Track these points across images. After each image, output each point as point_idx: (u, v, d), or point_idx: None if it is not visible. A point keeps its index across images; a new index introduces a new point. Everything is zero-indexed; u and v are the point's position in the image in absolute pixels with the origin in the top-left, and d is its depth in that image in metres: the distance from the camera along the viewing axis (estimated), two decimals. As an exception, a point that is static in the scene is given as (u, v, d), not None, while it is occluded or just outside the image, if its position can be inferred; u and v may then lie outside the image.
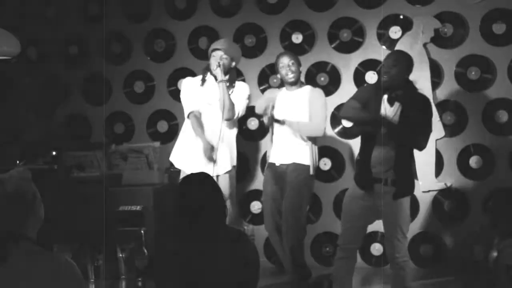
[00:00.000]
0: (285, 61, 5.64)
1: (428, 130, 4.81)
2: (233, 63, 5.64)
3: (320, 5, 6.65)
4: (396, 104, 4.74)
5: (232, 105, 5.47)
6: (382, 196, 4.76)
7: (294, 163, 5.57)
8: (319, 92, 5.69)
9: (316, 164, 5.63)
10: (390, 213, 4.77)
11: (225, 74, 5.54)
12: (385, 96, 4.79)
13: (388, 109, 4.77)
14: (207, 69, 5.65)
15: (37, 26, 7.20)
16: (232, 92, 5.56)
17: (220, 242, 3.13)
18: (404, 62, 4.78)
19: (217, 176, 5.54)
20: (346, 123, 6.44)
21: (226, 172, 5.62)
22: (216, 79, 5.54)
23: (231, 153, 5.67)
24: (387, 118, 4.73)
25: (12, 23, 6.99)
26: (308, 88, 5.70)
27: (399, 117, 4.72)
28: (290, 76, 5.63)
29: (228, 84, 5.53)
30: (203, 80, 5.65)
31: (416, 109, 4.72)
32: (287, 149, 5.60)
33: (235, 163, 5.72)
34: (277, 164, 5.65)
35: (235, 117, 5.57)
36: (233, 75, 5.63)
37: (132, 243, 3.91)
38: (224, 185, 5.51)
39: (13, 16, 7.22)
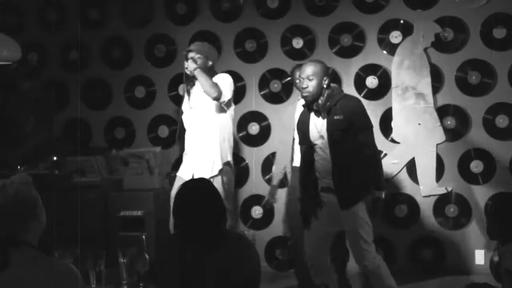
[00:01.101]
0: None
1: (362, 126, 4.75)
2: (210, 62, 5.54)
3: (320, 10, 6.65)
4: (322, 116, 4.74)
5: (214, 83, 5.37)
6: (333, 206, 4.73)
7: None
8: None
9: None
10: (346, 223, 4.74)
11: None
12: (311, 113, 4.81)
13: (318, 124, 4.77)
14: (187, 77, 5.55)
15: (37, 31, 7.21)
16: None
17: (221, 246, 3.13)
18: (319, 72, 4.75)
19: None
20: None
21: (212, 176, 5.42)
22: (194, 78, 5.48)
23: (220, 152, 5.48)
24: (319, 133, 4.73)
25: (13, 28, 7.03)
26: None
27: (326, 127, 4.70)
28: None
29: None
30: (187, 90, 5.62)
31: (343, 113, 4.67)
32: None
33: (228, 158, 5.52)
34: None
35: (223, 99, 5.40)
36: (212, 74, 5.50)
37: (133, 248, 3.90)
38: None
39: (14, 21, 7.24)
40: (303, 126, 4.89)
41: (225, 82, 5.47)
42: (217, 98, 5.36)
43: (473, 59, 6.39)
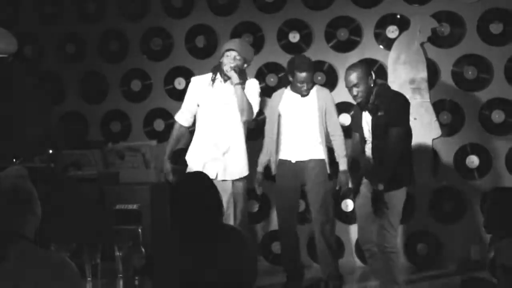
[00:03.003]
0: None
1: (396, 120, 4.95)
2: (245, 65, 5.49)
3: (317, 4, 6.65)
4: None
5: (250, 106, 5.35)
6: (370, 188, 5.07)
7: (313, 160, 5.62)
8: (326, 92, 5.81)
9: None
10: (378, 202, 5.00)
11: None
12: (364, 113, 5.10)
13: (369, 121, 5.06)
14: (217, 68, 5.47)
15: (33, 24, 7.19)
16: (244, 90, 5.41)
17: (217, 240, 3.13)
18: (363, 76, 4.98)
19: (223, 181, 5.38)
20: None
21: (240, 178, 5.46)
22: (225, 79, 5.41)
23: (246, 152, 5.52)
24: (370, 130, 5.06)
25: (8, 21, 7.01)
26: (314, 87, 5.74)
27: (371, 124, 5.00)
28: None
29: (244, 86, 5.40)
30: (213, 80, 5.48)
31: (384, 109, 4.93)
32: (302, 146, 5.63)
33: (245, 173, 5.52)
34: (293, 161, 5.66)
35: (253, 117, 5.50)
36: (245, 76, 5.46)
37: (130, 241, 3.89)
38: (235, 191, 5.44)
39: (10, 14, 7.22)
40: (356, 123, 5.27)
41: (254, 96, 5.44)
42: (246, 121, 5.42)
43: (469, 54, 6.40)
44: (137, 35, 7.05)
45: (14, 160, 6.19)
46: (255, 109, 5.44)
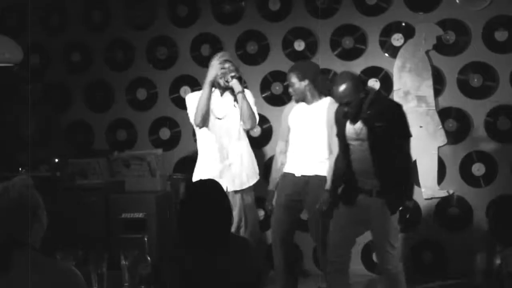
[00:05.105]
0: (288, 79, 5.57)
1: (400, 132, 4.79)
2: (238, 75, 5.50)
3: (322, 12, 6.65)
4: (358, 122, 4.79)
5: (253, 113, 5.37)
6: (369, 208, 4.79)
7: (316, 175, 5.43)
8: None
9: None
10: (378, 225, 4.80)
11: None
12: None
13: (357, 126, 4.81)
14: (212, 83, 5.41)
15: (39, 33, 7.21)
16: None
17: (225, 249, 3.13)
18: (351, 90, 4.73)
19: (234, 193, 5.39)
20: None
21: (244, 192, 5.46)
22: (222, 92, 5.42)
23: (253, 163, 5.54)
24: (358, 136, 4.80)
25: (14, 30, 7.04)
26: (327, 100, 5.49)
27: (367, 133, 4.75)
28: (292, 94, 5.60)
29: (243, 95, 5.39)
30: (208, 97, 5.41)
31: (384, 120, 4.71)
32: (308, 161, 5.47)
33: (254, 181, 5.54)
34: (297, 174, 5.52)
35: (256, 125, 5.50)
36: (243, 85, 5.47)
37: (135, 250, 3.89)
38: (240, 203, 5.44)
39: (16, 23, 7.25)
40: (340, 126, 4.97)
41: (253, 106, 5.45)
42: (251, 129, 5.42)
43: (474, 61, 6.39)
44: (142, 44, 7.06)
45: (20, 169, 6.21)
46: (257, 116, 5.45)
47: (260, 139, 6.77)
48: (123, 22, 7.12)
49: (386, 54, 6.54)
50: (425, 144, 6.37)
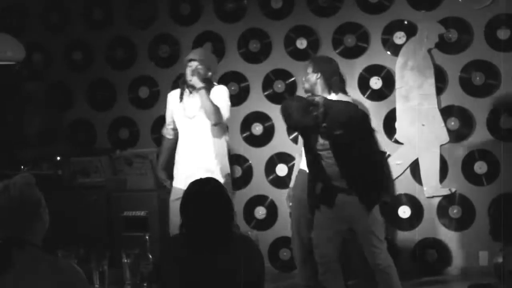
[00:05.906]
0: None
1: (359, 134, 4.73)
2: (209, 73, 5.41)
3: (324, 10, 6.65)
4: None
5: (216, 108, 5.27)
6: (348, 204, 4.75)
7: None
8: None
9: None
10: (360, 218, 4.77)
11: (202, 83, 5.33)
12: None
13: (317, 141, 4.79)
14: (184, 82, 5.45)
15: (41, 32, 7.22)
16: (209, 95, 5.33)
17: (226, 247, 3.13)
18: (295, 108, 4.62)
19: None
20: None
21: None
22: (191, 91, 5.37)
23: (221, 163, 5.44)
24: (323, 146, 4.74)
25: (16, 29, 7.04)
26: (336, 97, 5.41)
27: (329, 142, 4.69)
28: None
29: (208, 92, 5.32)
30: (182, 94, 5.46)
31: (341, 127, 4.64)
32: None
33: (228, 171, 5.50)
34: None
35: (223, 120, 5.39)
36: (210, 84, 5.39)
37: (137, 248, 3.90)
38: None
39: (17, 22, 7.25)
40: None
41: (224, 101, 5.37)
42: (216, 124, 5.32)
43: (477, 60, 6.38)
44: (144, 42, 7.06)
45: (22, 167, 6.21)
46: (224, 112, 5.33)
47: (262, 137, 6.77)
48: (125, 20, 7.12)
49: (388, 52, 6.53)
50: (427, 143, 6.36)
